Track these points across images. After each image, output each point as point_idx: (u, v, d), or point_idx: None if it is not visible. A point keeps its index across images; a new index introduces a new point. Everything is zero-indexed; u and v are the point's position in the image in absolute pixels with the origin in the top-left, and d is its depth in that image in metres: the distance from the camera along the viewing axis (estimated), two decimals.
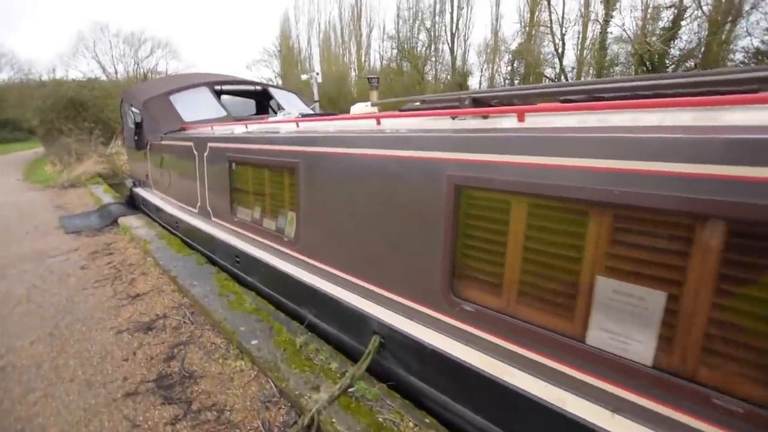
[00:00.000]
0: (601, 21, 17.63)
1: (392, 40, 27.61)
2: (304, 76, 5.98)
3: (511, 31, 23.77)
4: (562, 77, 18.65)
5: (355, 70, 32.00)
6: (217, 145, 4.12)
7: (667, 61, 15.59)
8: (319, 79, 5.85)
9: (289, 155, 3.02)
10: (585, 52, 18.47)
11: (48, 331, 2.97)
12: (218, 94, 6.43)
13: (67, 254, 4.75)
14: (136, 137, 6.76)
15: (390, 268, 2.30)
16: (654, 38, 15.57)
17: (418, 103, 2.95)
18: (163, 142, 5.54)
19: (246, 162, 3.68)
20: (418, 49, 26.08)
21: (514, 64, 21.04)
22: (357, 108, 4.57)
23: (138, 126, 6.76)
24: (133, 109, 6.63)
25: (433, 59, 26.00)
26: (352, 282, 2.54)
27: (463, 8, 25.27)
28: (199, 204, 4.68)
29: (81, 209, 7.24)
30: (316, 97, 5.99)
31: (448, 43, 25.99)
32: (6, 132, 27.63)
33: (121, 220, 6.09)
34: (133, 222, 5.86)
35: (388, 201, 2.26)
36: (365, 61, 33.03)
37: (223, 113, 6.05)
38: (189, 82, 6.56)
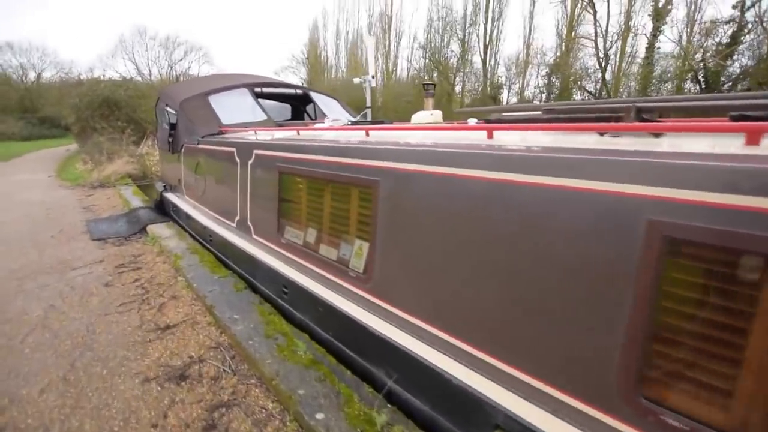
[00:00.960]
0: (648, 35, 16.75)
1: (423, 49, 27.30)
2: (356, 80, 5.43)
3: (543, 45, 23.00)
4: (604, 92, 17.77)
5: (383, 79, 31.77)
6: (264, 153, 3.58)
7: (723, 79, 14.54)
8: (373, 83, 5.29)
9: (366, 171, 2.42)
10: (624, 65, 17.61)
11: (62, 374, 2.43)
12: (258, 96, 5.97)
13: (91, 266, 4.29)
14: (170, 139, 6.36)
15: (525, 338, 1.63)
16: (708, 54, 14.60)
17: (533, 113, 2.33)
18: (199, 146, 5.08)
19: (301, 174, 3.12)
20: (449, 59, 25.66)
21: (551, 78, 20.26)
22: (420, 116, 4.02)
23: (173, 127, 6.36)
24: (169, 109, 6.25)
25: (464, 70, 25.51)
26: (458, 347, 1.89)
27: (497, 20, 24.75)
28: (238, 217, 4.15)
29: (109, 212, 6.88)
30: (369, 103, 5.43)
31: (481, 55, 25.46)
32: (44, 129, 28.48)
33: (150, 227, 5.65)
34: (162, 231, 5.40)
35: (525, 243, 1.61)
36: (393, 71, 32.82)
37: (264, 117, 5.57)
38: (228, 83, 6.14)
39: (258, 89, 6.13)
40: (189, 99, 5.73)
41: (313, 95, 6.85)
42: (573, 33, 20.57)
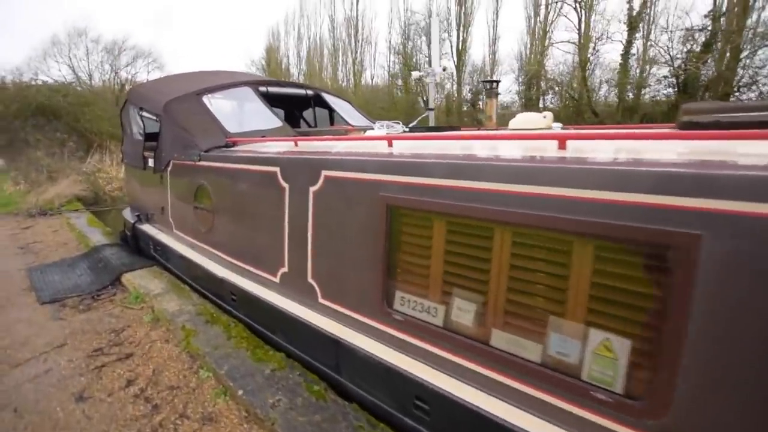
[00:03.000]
0: (623, 41, 17.09)
1: (397, 54, 26.48)
2: (416, 74, 4.29)
3: (518, 50, 23.02)
4: (585, 96, 17.94)
5: (351, 86, 30.69)
6: (348, 176, 2.29)
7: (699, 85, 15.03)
8: (437, 78, 4.15)
9: (656, 217, 1.27)
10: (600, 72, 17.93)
11: None
12: (264, 97, 4.61)
13: (47, 358, 2.70)
14: (146, 153, 4.80)
15: None
16: (684, 60, 15.01)
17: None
18: (202, 164, 3.64)
19: (449, 213, 1.88)
20: (423, 65, 25.00)
21: (529, 84, 20.23)
22: (524, 119, 3.01)
23: (151, 138, 4.82)
24: (145, 114, 4.69)
25: (442, 76, 25.02)
26: None
27: (469, 26, 24.54)
28: (284, 270, 2.79)
29: (59, 253, 5.09)
30: (431, 103, 4.28)
31: (454, 61, 25.09)
32: None
33: (126, 277, 4.05)
34: (148, 283, 3.84)
35: None
36: (361, 75, 31.80)
37: (277, 123, 4.24)
38: (223, 81, 4.73)
39: (263, 88, 4.77)
40: (177, 101, 4.25)
41: (328, 98, 5.56)
42: (548, 39, 20.72)
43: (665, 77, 15.39)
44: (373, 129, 3.87)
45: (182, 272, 4.06)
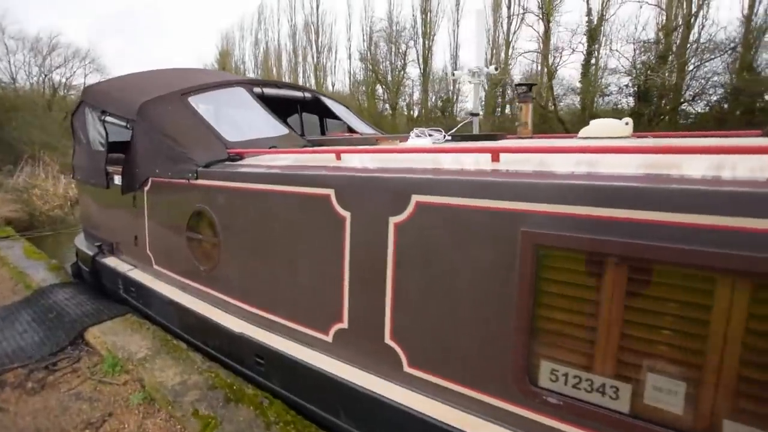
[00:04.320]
0: (584, 52, 17.88)
1: (365, 61, 25.94)
2: (458, 73, 3.71)
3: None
4: (551, 105, 18.47)
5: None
6: (463, 204, 1.63)
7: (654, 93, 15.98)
8: (483, 79, 3.60)
9: None
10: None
11: None
12: (261, 100, 3.83)
13: None
14: (110, 168, 3.80)
15: None
16: (635, 72, 15.93)
17: None
18: (201, 182, 2.79)
19: (639, 258, 1.28)
20: (392, 72, 24.71)
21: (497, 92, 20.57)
22: (600, 127, 2.65)
23: (116, 148, 3.84)
24: (110, 119, 3.71)
25: (407, 84, 24.85)
26: None
27: (435, 34, 24.70)
28: (344, 326, 2.05)
29: None
30: (476, 108, 3.71)
31: (420, 68, 25.10)
32: None
33: (93, 333, 3.04)
34: (126, 340, 2.86)
35: None
36: (323, 83, 30.95)
37: (282, 130, 3.50)
38: (208, 80, 3.89)
39: (257, 89, 3.99)
40: (157, 102, 3.36)
41: (327, 101, 4.85)
42: (512, 48, 21.28)
43: (626, 86, 16.26)
44: (409, 138, 3.26)
45: (172, 323, 3.12)
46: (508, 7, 21.21)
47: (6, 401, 2.35)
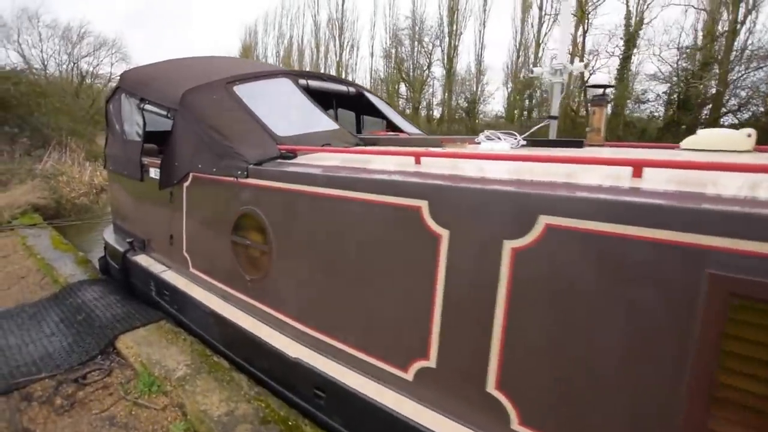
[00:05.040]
0: (620, 56, 17.15)
1: (388, 59, 25.63)
2: (538, 70, 3.34)
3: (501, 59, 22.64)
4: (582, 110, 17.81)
5: None
6: (619, 233, 1.26)
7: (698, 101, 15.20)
8: (564, 79, 3.23)
9: None
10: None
11: None
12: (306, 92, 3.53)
13: None
14: (145, 160, 3.55)
15: None
16: (676, 79, 15.17)
17: None
18: (251, 182, 2.48)
19: None
20: (415, 70, 24.30)
21: (526, 94, 19.95)
22: (712, 138, 2.29)
23: (153, 139, 3.59)
24: (148, 107, 3.46)
25: (432, 83, 24.42)
26: None
27: (461, 33, 24.17)
28: (430, 364, 1.70)
29: (14, 294, 3.67)
30: (555, 110, 3.34)
31: (445, 67, 24.61)
32: None
33: (125, 341, 2.77)
34: (162, 354, 2.57)
35: None
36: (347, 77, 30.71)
37: (331, 125, 3.18)
38: (250, 69, 3.60)
39: (303, 81, 3.68)
40: (201, 91, 3.08)
41: (372, 98, 4.51)
42: (542, 50, 20.61)
43: (665, 93, 15.51)
44: (480, 141, 2.91)
45: (212, 336, 2.82)
46: (540, 8, 20.60)
47: (33, 420, 2.08)
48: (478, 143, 3.06)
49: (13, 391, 2.29)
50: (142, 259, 3.63)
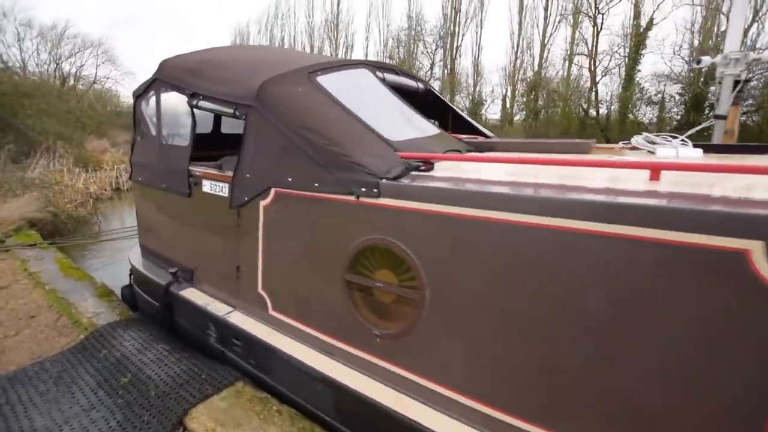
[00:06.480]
0: (626, 57, 16.95)
1: (391, 60, 24.99)
2: (707, 59, 2.75)
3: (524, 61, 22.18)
4: (592, 110, 17.49)
5: None
6: None
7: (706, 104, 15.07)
8: (741, 71, 2.64)
9: None
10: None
11: None
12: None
13: None
14: (198, 172, 2.83)
15: None
16: (692, 79, 15.02)
17: None
18: (385, 203, 1.79)
19: None
20: (417, 72, 23.80)
21: (531, 95, 19.56)
22: None
23: (206, 144, 2.89)
24: (204, 104, 2.74)
25: (433, 84, 23.95)
26: None
27: (464, 34, 23.78)
28: None
29: (25, 342, 2.87)
30: (724, 108, 2.75)
31: (447, 68, 24.17)
32: None
33: (199, 420, 2.03)
34: None
35: None
36: None
37: (433, 129, 2.57)
38: (300, 58, 2.94)
39: (380, 74, 3.04)
40: (281, 82, 2.40)
41: (440, 97, 3.87)
42: (547, 51, 20.33)
43: (679, 94, 15.33)
44: (639, 147, 2.32)
45: (321, 408, 2.10)
46: (545, 8, 20.32)
47: None
48: (638, 149, 2.47)
49: None
50: (193, 295, 2.88)
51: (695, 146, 2.25)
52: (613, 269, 1.28)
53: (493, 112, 23.85)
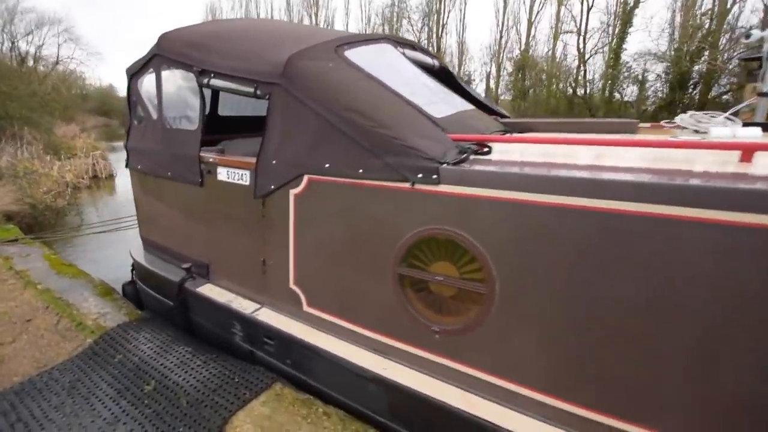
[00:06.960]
0: (614, 35, 16.94)
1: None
2: (757, 33, 2.60)
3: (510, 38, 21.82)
4: (578, 90, 17.54)
5: None
6: None
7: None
8: None
9: None
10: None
11: None
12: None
13: None
14: (207, 157, 2.59)
15: None
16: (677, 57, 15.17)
17: None
18: (446, 190, 1.62)
19: None
20: None
21: (519, 74, 19.39)
22: None
23: (217, 127, 2.64)
24: (216, 82, 2.48)
25: None
26: None
27: (450, 11, 23.21)
28: None
29: (26, 348, 2.60)
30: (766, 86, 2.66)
31: (433, 46, 23.66)
32: None
33: (242, 428, 1.87)
34: None
35: None
36: None
37: (466, 106, 2.44)
38: (337, 33, 2.71)
39: (400, 49, 2.85)
40: (310, 55, 2.18)
41: (454, 75, 3.68)
42: (534, 29, 20.11)
43: (665, 73, 15.49)
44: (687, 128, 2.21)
45: (374, 409, 1.98)
46: None
47: None
48: (684, 128, 2.36)
49: None
50: (212, 292, 2.68)
51: (745, 125, 2.16)
52: (718, 259, 1.17)
53: (478, 91, 23.69)
